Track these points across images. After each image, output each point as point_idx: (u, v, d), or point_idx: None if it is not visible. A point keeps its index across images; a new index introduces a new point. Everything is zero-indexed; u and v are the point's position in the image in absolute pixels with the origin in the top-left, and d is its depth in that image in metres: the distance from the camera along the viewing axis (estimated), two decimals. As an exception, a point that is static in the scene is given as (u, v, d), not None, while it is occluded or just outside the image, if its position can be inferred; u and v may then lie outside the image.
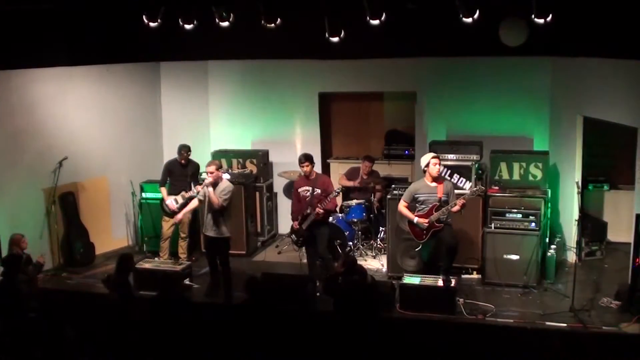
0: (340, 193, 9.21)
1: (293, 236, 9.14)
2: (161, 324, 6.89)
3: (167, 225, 9.71)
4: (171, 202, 9.53)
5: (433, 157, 8.26)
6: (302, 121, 11.19)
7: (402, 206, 8.41)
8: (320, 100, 11.10)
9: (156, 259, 9.49)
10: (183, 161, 9.67)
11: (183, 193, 9.51)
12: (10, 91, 9.27)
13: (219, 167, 8.75)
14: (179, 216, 9.15)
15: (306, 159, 8.80)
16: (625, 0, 7.71)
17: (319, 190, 8.79)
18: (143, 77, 11.15)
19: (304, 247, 9.50)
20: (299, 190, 8.94)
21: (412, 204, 8.39)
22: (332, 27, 8.44)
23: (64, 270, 9.68)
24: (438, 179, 8.28)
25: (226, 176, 9.50)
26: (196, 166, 9.85)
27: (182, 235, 9.80)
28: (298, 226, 8.88)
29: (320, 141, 11.21)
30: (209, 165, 8.66)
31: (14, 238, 8.10)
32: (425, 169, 8.29)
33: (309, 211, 8.76)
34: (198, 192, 8.88)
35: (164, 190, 9.66)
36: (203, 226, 8.80)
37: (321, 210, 8.64)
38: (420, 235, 8.31)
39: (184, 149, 9.67)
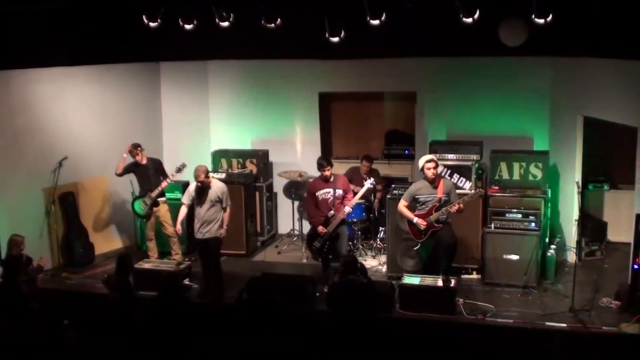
0: (372, 184, 8.92)
1: (316, 242, 8.78)
2: (161, 324, 6.88)
3: (147, 227, 9.67)
4: (141, 205, 9.51)
5: (427, 162, 8.18)
6: (302, 121, 11.19)
7: (401, 206, 8.40)
8: (320, 100, 11.10)
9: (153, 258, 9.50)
10: (139, 159, 9.49)
11: (150, 193, 9.47)
12: (10, 91, 9.28)
13: (207, 173, 8.59)
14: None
15: (328, 163, 8.71)
16: (625, 0, 7.72)
17: (340, 192, 8.68)
18: (143, 77, 11.14)
19: (306, 248, 9.53)
20: (318, 193, 8.73)
21: (412, 204, 8.39)
22: (332, 27, 8.44)
23: (64, 270, 9.69)
24: (435, 180, 8.23)
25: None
26: (156, 162, 9.75)
27: (169, 235, 9.62)
28: (325, 230, 8.65)
29: (320, 141, 11.20)
30: (198, 174, 8.43)
31: (13, 239, 8.09)
32: (421, 172, 8.30)
33: (333, 212, 8.63)
34: (163, 188, 9.31)
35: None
36: (198, 230, 8.63)
37: (351, 209, 8.60)
38: (419, 235, 8.31)
39: (134, 147, 9.45)
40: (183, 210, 8.75)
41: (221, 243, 8.79)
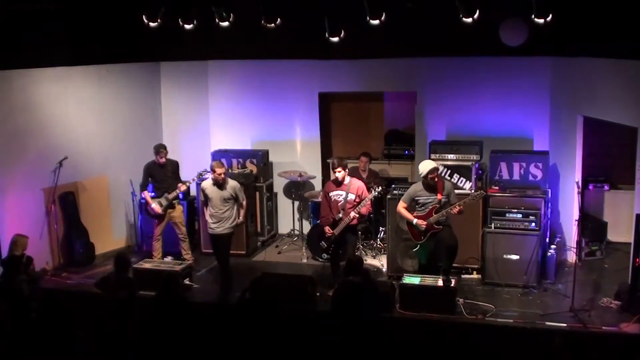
0: (379, 194, 8.64)
1: (323, 243, 8.76)
2: (161, 324, 6.89)
3: (157, 227, 9.64)
4: (156, 205, 9.47)
5: (430, 172, 8.10)
6: (302, 121, 11.19)
7: (401, 207, 8.37)
8: (320, 100, 11.10)
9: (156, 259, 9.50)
10: (162, 161, 9.50)
11: (166, 195, 9.47)
12: (10, 91, 9.27)
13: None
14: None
15: (339, 164, 8.52)
16: (625, 0, 7.72)
17: (352, 196, 8.50)
18: (143, 77, 11.14)
19: (306, 248, 9.52)
20: (331, 194, 8.61)
21: (412, 205, 8.37)
22: (332, 27, 8.45)
23: (64, 270, 9.68)
24: (436, 186, 8.19)
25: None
26: (175, 164, 9.76)
27: (180, 236, 9.68)
28: (331, 232, 8.55)
29: (320, 141, 11.20)
30: (218, 167, 8.73)
31: (18, 240, 8.09)
32: (423, 179, 8.26)
33: (341, 216, 8.50)
34: (182, 191, 9.28)
35: (146, 194, 9.58)
36: (209, 227, 8.84)
37: (357, 215, 8.41)
38: (419, 236, 8.30)
39: (163, 149, 9.50)
40: (205, 211, 8.97)
41: (231, 239, 9.04)
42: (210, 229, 8.88)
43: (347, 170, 8.62)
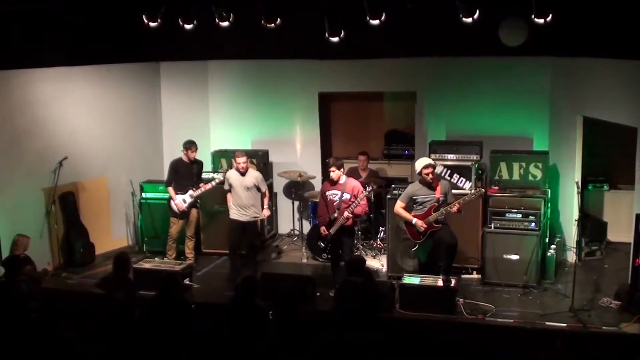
0: (371, 193, 8.61)
1: (320, 243, 8.76)
2: (161, 324, 6.89)
3: (175, 226, 9.65)
4: (180, 202, 9.48)
5: (425, 167, 8.14)
6: (302, 121, 11.19)
7: (399, 207, 8.36)
8: (320, 100, 11.10)
9: (156, 258, 9.48)
10: (193, 158, 9.55)
11: (191, 192, 9.49)
12: (10, 91, 9.27)
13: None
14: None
15: (333, 163, 8.48)
16: (625, 0, 7.72)
17: (348, 195, 8.46)
18: (143, 77, 11.15)
19: (306, 248, 9.50)
20: (327, 193, 8.58)
21: (410, 204, 8.36)
22: (332, 27, 8.45)
23: (64, 270, 9.69)
24: (433, 182, 8.21)
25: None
26: (201, 164, 9.83)
27: (189, 234, 9.73)
28: (326, 232, 8.52)
29: (320, 141, 11.20)
30: (239, 156, 9.00)
31: (20, 240, 8.08)
32: (419, 177, 8.27)
33: (336, 215, 8.47)
34: (206, 190, 9.36)
35: (171, 190, 9.53)
36: (234, 213, 9.08)
37: (350, 215, 8.34)
38: (417, 235, 8.29)
39: (195, 145, 9.56)
40: (229, 197, 9.18)
41: (256, 229, 9.49)
42: (235, 214, 9.08)
43: (342, 170, 8.59)
